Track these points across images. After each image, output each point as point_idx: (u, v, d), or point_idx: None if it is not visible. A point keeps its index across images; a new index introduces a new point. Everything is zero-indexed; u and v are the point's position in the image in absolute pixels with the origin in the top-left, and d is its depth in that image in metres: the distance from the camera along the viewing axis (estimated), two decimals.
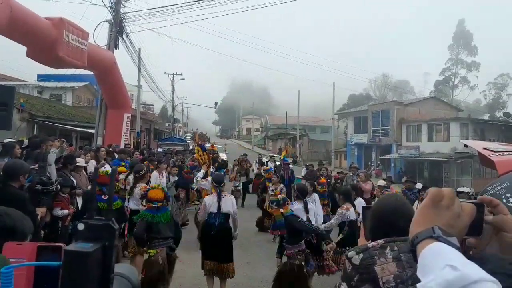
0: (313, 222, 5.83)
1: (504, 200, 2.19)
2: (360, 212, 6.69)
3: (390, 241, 1.83)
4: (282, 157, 17.06)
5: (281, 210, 5.41)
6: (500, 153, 2.34)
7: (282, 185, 10.36)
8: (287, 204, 5.48)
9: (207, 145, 14.67)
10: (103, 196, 5.14)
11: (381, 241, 1.85)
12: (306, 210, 5.83)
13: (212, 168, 10.24)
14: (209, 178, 7.57)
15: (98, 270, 0.81)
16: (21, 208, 3.67)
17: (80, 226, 0.82)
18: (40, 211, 4.44)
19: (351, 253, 1.87)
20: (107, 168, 7.43)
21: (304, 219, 5.76)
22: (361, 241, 2.45)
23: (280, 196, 5.62)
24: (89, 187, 6.65)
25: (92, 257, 0.79)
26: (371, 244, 1.86)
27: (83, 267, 0.78)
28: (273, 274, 5.86)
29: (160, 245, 4.96)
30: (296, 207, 5.83)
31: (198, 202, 10.39)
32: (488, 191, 2.21)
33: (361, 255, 1.83)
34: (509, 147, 2.48)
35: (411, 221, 1.93)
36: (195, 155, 11.69)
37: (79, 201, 6.40)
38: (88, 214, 0.83)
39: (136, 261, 6.03)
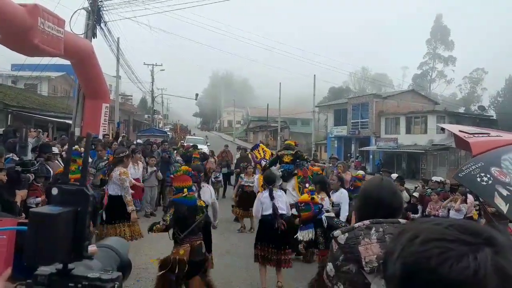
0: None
1: (479, 179, 2.27)
2: (341, 200, 6.84)
3: (376, 222, 1.86)
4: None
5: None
6: (475, 135, 2.40)
7: (257, 176, 10.23)
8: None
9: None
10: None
11: (367, 222, 1.87)
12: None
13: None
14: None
15: (68, 234, 0.78)
16: None
17: (54, 191, 0.80)
18: (21, 194, 4.30)
19: (337, 232, 1.90)
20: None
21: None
22: None
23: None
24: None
25: (58, 220, 0.77)
26: (357, 224, 1.89)
27: (48, 230, 0.76)
28: (252, 262, 5.89)
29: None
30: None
31: None
32: (463, 171, 2.30)
33: (347, 234, 1.86)
34: (483, 130, 2.55)
35: (397, 200, 1.97)
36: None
37: (54, 191, 6.24)
38: (62, 179, 0.81)
39: None
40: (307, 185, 6.75)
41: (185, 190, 4.50)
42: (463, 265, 0.69)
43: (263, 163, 8.83)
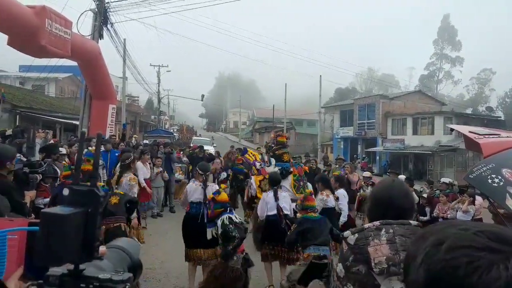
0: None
1: (490, 181, 2.25)
2: (340, 201, 6.89)
3: (386, 224, 1.84)
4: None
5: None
6: (485, 136, 2.38)
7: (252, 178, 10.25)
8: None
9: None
10: None
11: (377, 222, 1.85)
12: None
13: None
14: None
15: (78, 235, 0.78)
16: (8, 198, 3.56)
17: (65, 191, 0.80)
18: (29, 195, 4.31)
19: (347, 233, 1.89)
20: None
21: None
22: None
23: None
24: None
25: (69, 221, 0.77)
26: (367, 225, 1.87)
27: (59, 230, 0.76)
28: (256, 260, 5.88)
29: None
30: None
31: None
32: (474, 172, 2.29)
33: (356, 235, 1.85)
34: (493, 131, 2.53)
35: (408, 201, 1.94)
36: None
37: (65, 192, 6.28)
38: (73, 179, 0.81)
39: None
40: (301, 183, 6.88)
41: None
42: (493, 275, 0.64)
43: (257, 164, 9.05)
